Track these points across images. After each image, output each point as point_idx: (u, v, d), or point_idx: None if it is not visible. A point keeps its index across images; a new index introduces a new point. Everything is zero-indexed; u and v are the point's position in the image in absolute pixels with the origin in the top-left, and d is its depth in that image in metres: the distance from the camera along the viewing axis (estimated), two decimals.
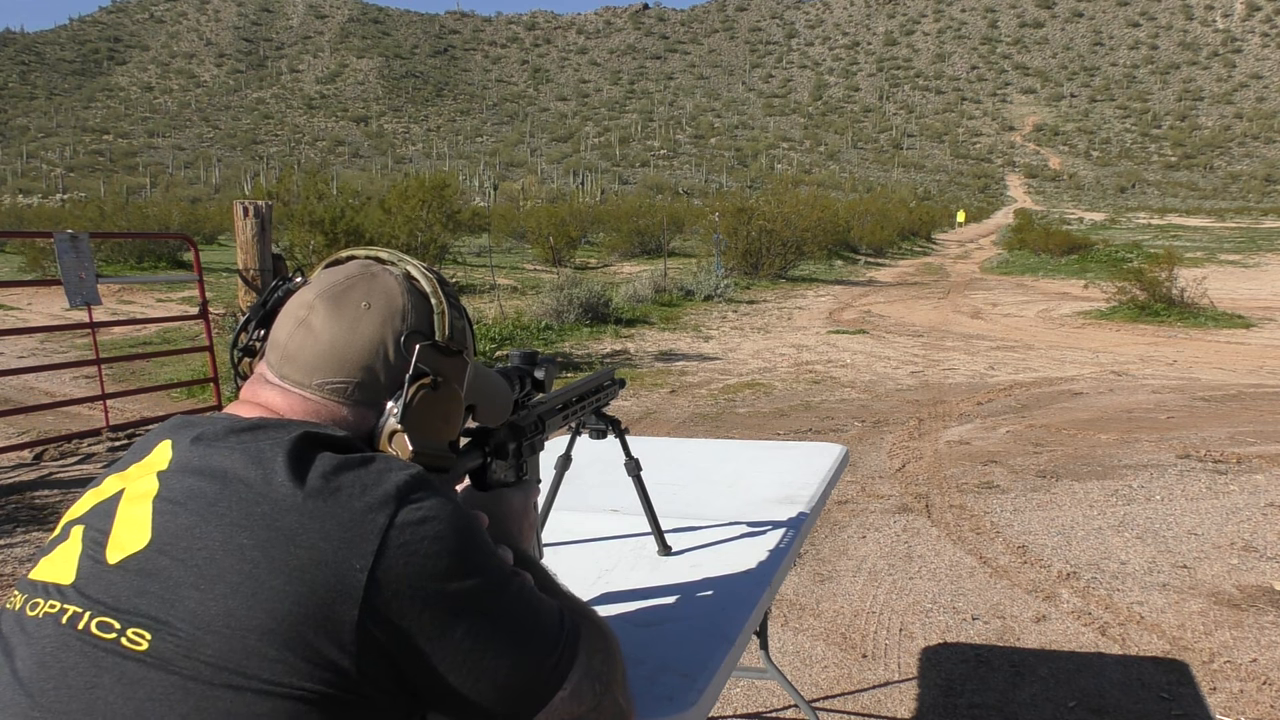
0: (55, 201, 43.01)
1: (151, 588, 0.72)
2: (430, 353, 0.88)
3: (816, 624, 3.24)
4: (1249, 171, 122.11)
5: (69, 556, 0.78)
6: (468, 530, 0.80)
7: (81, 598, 0.74)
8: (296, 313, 0.88)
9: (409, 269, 0.92)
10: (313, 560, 0.72)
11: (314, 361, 0.85)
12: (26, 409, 6.21)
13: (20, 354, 9.12)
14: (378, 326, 0.86)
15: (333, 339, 0.85)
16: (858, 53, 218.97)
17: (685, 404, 7.21)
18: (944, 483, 4.91)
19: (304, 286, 0.91)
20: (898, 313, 14.13)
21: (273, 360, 0.88)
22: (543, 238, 22.50)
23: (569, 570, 1.42)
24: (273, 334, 0.89)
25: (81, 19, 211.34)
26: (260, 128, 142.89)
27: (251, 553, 0.72)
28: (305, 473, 0.76)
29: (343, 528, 0.74)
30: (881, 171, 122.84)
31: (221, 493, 0.75)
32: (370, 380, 0.86)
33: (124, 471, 0.84)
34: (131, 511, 0.77)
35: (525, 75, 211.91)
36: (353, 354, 0.85)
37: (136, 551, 0.74)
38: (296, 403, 0.86)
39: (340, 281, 0.89)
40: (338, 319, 0.86)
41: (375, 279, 0.89)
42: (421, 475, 0.80)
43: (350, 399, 0.86)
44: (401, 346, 0.87)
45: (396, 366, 0.86)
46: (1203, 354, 9.72)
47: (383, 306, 0.87)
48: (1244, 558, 3.77)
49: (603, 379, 1.40)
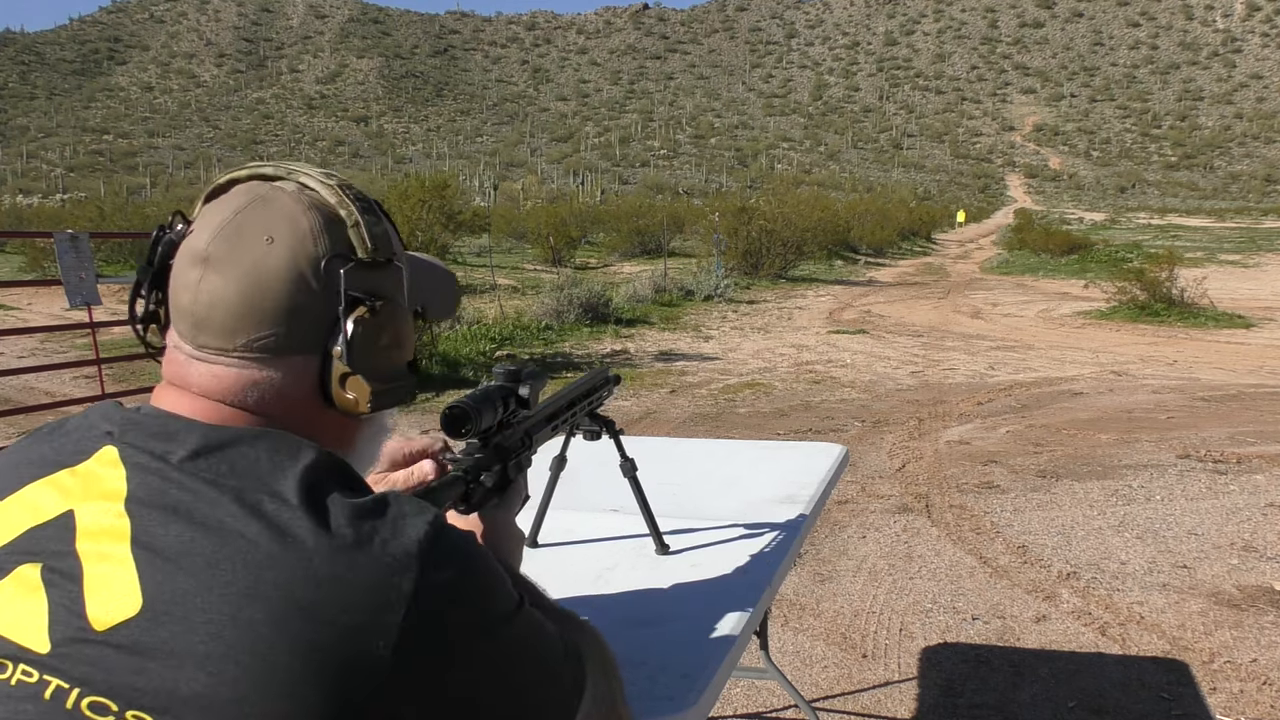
0: (55, 201, 42.99)
1: (151, 666, 0.62)
2: (357, 273, 0.77)
3: (816, 624, 3.24)
4: (1249, 171, 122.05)
5: (31, 613, 0.65)
6: (488, 580, 0.74)
7: (64, 673, 0.64)
8: (193, 270, 0.75)
9: (302, 179, 0.79)
10: (334, 637, 0.64)
11: (229, 322, 0.74)
12: (26, 409, 6.21)
13: (20, 354, 9.13)
14: (287, 260, 0.75)
15: (241, 290, 0.74)
16: (858, 53, 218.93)
17: (685, 404, 7.21)
18: (944, 483, 4.91)
19: (191, 232, 0.77)
20: (898, 313, 14.14)
21: (184, 329, 0.76)
22: (543, 238, 22.50)
23: (569, 570, 1.42)
24: (173, 298, 0.77)
25: (81, 19, 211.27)
26: (260, 128, 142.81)
27: (264, 629, 0.63)
28: (315, 528, 0.67)
29: (365, 595, 0.66)
30: (881, 171, 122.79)
31: (220, 551, 0.65)
32: (297, 325, 0.75)
33: (53, 477, 0.71)
34: (103, 558, 0.66)
35: (525, 75, 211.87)
36: (269, 301, 0.74)
37: (129, 619, 0.63)
38: (230, 378, 0.75)
39: (229, 218, 0.76)
40: (239, 264, 0.74)
41: (268, 204, 0.77)
42: (439, 523, 0.72)
43: (283, 351, 0.75)
44: (322, 274, 0.75)
45: (323, 299, 0.76)
46: (1203, 354, 9.72)
47: (286, 235, 0.75)
48: (1244, 558, 3.77)
49: (595, 380, 1.36)
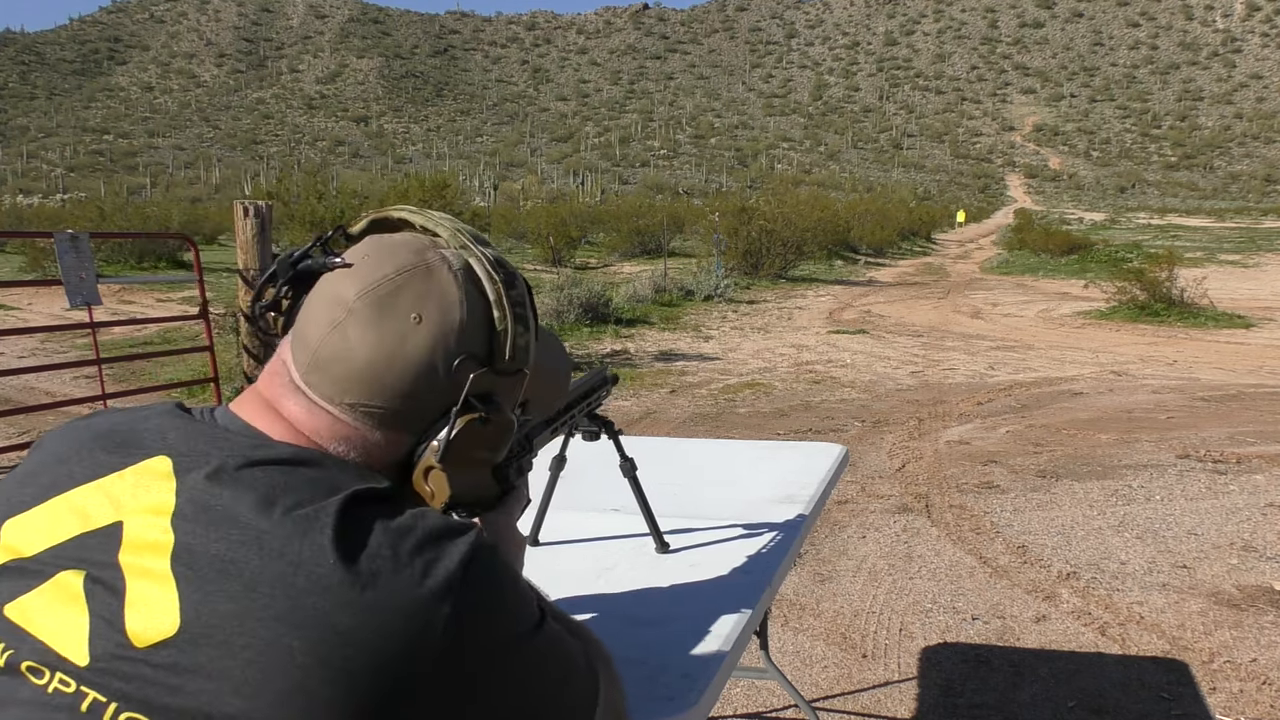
0: (55, 201, 43.01)
1: (190, 687, 0.62)
2: (485, 379, 0.76)
3: (816, 624, 3.24)
4: (1249, 171, 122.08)
5: (72, 624, 0.65)
6: (518, 600, 0.74)
7: (102, 687, 0.64)
8: (332, 312, 0.74)
9: (471, 261, 0.78)
10: (371, 665, 0.63)
11: (347, 379, 0.73)
12: (27, 409, 6.20)
13: (20, 354, 9.13)
14: (427, 349, 0.74)
15: (371, 358, 0.73)
16: (858, 53, 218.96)
17: (685, 404, 7.21)
18: (944, 483, 4.91)
19: (343, 270, 0.76)
20: (898, 313, 14.14)
21: (299, 359, 0.76)
22: (543, 238, 22.50)
23: (569, 570, 1.42)
24: (302, 324, 0.76)
25: (81, 19, 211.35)
26: (260, 128, 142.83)
27: (302, 658, 0.62)
28: (358, 554, 0.66)
29: (404, 621, 0.65)
30: (881, 171, 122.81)
31: (261, 574, 0.64)
32: (410, 407, 0.75)
33: (104, 481, 0.71)
34: (145, 573, 0.66)
35: (525, 75, 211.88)
36: (392, 377, 0.73)
37: (167, 638, 0.63)
38: (324, 422, 0.75)
39: (387, 279, 0.74)
40: (380, 333, 0.73)
41: (430, 278, 0.75)
42: (477, 547, 0.71)
43: (384, 424, 0.75)
44: (453, 370, 0.74)
45: (443, 393, 0.75)
46: (1203, 354, 9.72)
47: (436, 322, 0.74)
48: (1244, 558, 3.77)
49: (593, 381, 1.35)
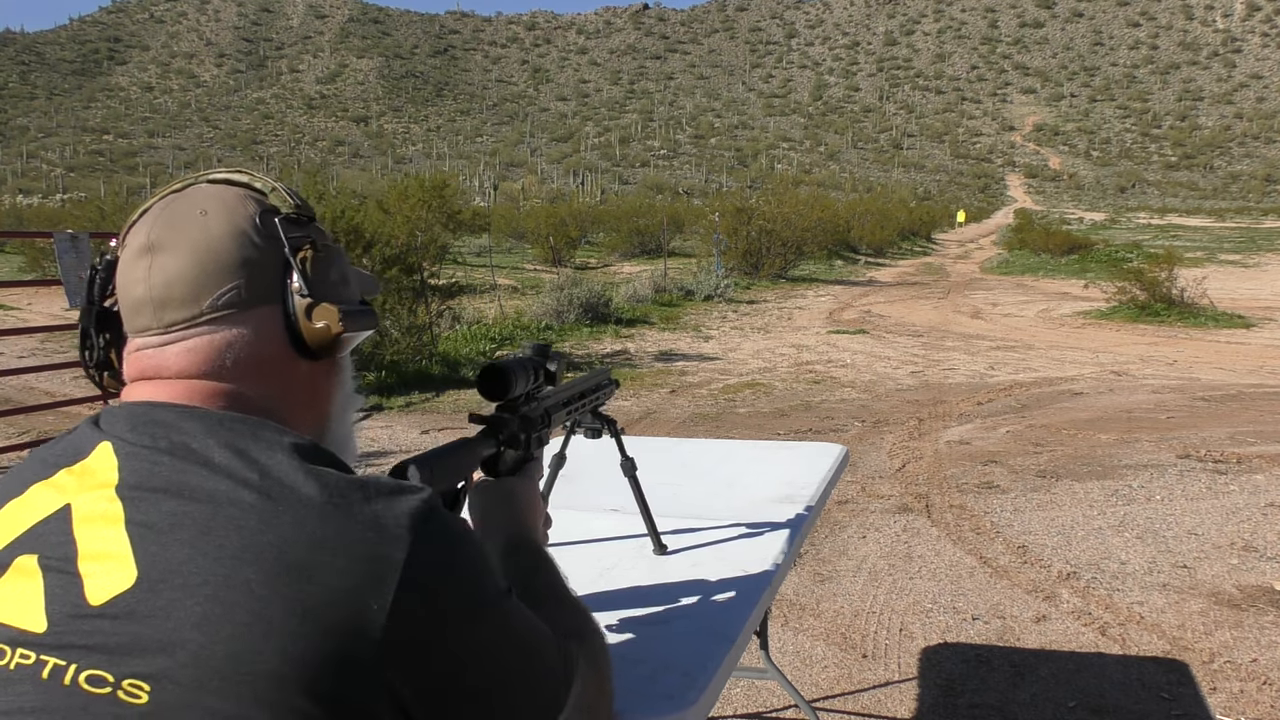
0: (55, 201, 43.00)
1: (146, 632, 0.64)
2: (290, 225, 0.81)
3: (816, 624, 3.24)
4: (1249, 171, 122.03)
5: (29, 597, 0.67)
6: (478, 561, 0.76)
7: (61, 649, 0.65)
8: (139, 262, 0.77)
9: (211, 177, 0.84)
10: (328, 599, 0.66)
11: (190, 290, 0.76)
12: (26, 409, 6.21)
13: (20, 354, 9.13)
14: (226, 223, 0.78)
15: (193, 258, 0.76)
16: (858, 53, 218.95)
17: (685, 404, 7.21)
18: (944, 483, 4.91)
19: (123, 247, 0.80)
20: (898, 313, 14.14)
21: (147, 318, 0.77)
22: (543, 238, 22.51)
23: (569, 570, 1.41)
24: (126, 296, 0.78)
25: (81, 19, 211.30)
26: (260, 128, 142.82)
27: (260, 589, 0.64)
28: (309, 493, 0.69)
29: (358, 561, 0.67)
30: (881, 171, 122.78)
31: (214, 519, 0.67)
32: (254, 274, 0.78)
33: (52, 479, 0.73)
34: (99, 538, 0.67)
35: (525, 75, 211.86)
36: (222, 259, 0.77)
37: (124, 591, 0.65)
38: (201, 347, 0.77)
39: (159, 211, 0.79)
40: (184, 239, 0.77)
41: (188, 195, 0.81)
42: (432, 500, 0.74)
43: (246, 305, 0.77)
44: (261, 227, 0.79)
45: (269, 250, 0.79)
46: (1203, 354, 9.72)
47: (217, 206, 0.79)
48: (1244, 558, 3.77)
49: (600, 378, 1.40)
